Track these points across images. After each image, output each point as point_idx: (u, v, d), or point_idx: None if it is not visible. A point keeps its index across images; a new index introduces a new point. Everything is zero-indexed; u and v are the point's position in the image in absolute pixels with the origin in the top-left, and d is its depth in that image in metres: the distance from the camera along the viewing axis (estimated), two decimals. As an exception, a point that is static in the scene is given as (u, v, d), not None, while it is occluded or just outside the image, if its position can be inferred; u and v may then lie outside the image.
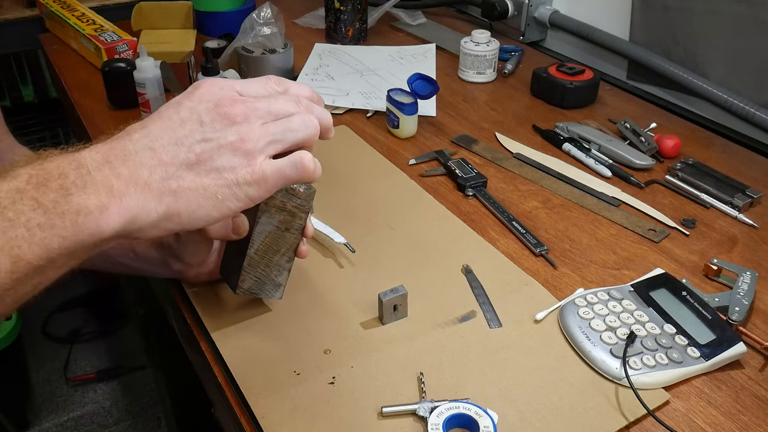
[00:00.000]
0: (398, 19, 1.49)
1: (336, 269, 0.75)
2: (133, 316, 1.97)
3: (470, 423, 0.56)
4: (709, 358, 0.63)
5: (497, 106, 1.14)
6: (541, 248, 0.79)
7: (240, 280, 0.63)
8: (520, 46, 1.35)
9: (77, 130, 1.19)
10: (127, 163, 0.48)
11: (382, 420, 0.57)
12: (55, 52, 1.35)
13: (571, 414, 0.58)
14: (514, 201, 0.88)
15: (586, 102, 1.13)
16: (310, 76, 1.20)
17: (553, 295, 0.72)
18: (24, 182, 0.44)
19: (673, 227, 0.83)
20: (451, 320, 0.68)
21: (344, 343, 0.65)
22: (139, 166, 0.48)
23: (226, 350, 0.64)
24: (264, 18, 1.17)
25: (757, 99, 1.01)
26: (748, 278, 0.72)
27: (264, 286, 0.65)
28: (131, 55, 1.22)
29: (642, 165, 0.95)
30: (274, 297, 0.66)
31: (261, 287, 0.65)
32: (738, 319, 0.67)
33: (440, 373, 0.62)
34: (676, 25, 1.11)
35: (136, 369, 1.88)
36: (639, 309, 0.68)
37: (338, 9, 1.33)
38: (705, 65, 1.09)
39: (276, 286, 0.65)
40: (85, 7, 1.38)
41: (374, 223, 0.83)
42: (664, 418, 0.59)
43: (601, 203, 0.88)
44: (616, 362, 0.62)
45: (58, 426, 1.73)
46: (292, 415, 0.58)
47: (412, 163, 0.96)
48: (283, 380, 0.61)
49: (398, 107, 1.00)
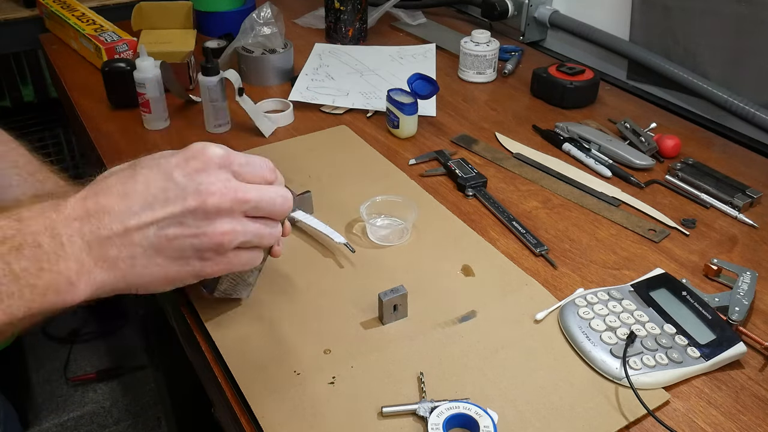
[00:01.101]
0: (398, 19, 1.49)
1: (336, 269, 0.75)
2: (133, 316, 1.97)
3: (470, 423, 0.56)
4: (709, 358, 0.63)
5: (497, 106, 1.14)
6: (541, 248, 0.79)
7: (218, 283, 0.64)
8: (520, 46, 1.35)
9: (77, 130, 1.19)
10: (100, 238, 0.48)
11: (382, 420, 0.57)
12: (55, 52, 1.35)
13: (571, 414, 0.58)
14: (514, 201, 0.88)
15: (586, 102, 1.13)
16: (310, 76, 1.20)
17: (553, 295, 0.72)
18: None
19: (673, 227, 0.83)
20: (451, 320, 0.68)
21: (344, 343, 0.65)
22: (108, 243, 0.49)
23: (226, 350, 0.64)
24: (264, 18, 1.17)
25: (757, 99, 1.01)
26: (748, 278, 0.72)
27: (237, 287, 0.66)
28: (131, 55, 1.22)
29: (642, 165, 0.95)
30: (243, 296, 0.68)
31: (235, 288, 0.66)
32: (738, 319, 0.67)
33: (440, 373, 0.62)
34: (676, 25, 1.11)
35: (136, 369, 1.88)
36: (639, 309, 0.68)
37: (338, 9, 1.33)
38: (705, 65, 1.09)
39: (247, 286, 0.67)
40: (85, 7, 1.38)
41: (374, 223, 0.83)
42: (664, 418, 0.59)
43: (601, 203, 0.88)
44: (616, 362, 0.62)
45: (58, 426, 1.73)
46: (292, 415, 0.58)
47: (412, 163, 0.96)
48: (283, 380, 0.61)
49: (398, 107, 1.00)
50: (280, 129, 1.05)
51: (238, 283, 0.66)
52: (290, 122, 1.08)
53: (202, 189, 0.50)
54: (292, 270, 0.75)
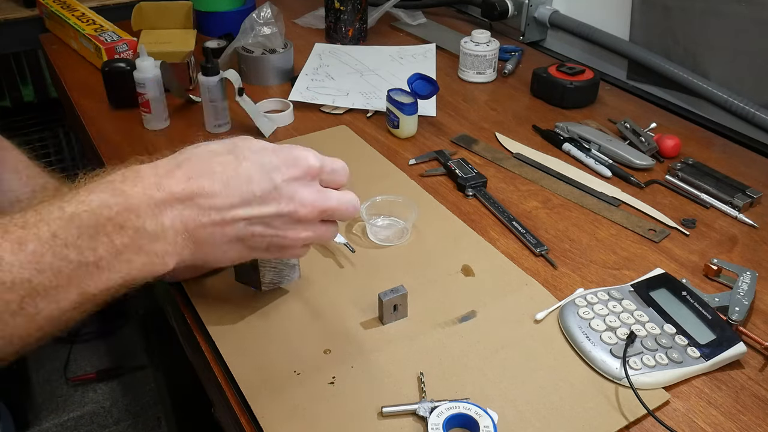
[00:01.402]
0: (398, 19, 1.49)
1: (336, 269, 0.75)
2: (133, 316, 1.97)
3: (470, 423, 0.56)
4: (709, 358, 0.63)
5: (497, 106, 1.14)
6: (541, 248, 0.79)
7: (261, 276, 0.64)
8: (520, 46, 1.35)
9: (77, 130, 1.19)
10: (197, 224, 0.52)
11: (382, 420, 0.57)
12: (55, 52, 1.35)
13: (571, 414, 0.58)
14: (514, 201, 0.88)
15: (586, 102, 1.13)
16: (310, 76, 1.20)
17: (553, 295, 0.72)
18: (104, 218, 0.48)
19: (673, 227, 0.83)
20: (451, 320, 0.68)
21: (344, 343, 0.65)
22: (203, 228, 0.52)
23: (226, 350, 0.64)
24: (264, 18, 1.17)
25: (757, 99, 1.01)
26: (748, 278, 0.72)
27: (282, 272, 0.66)
28: (131, 55, 1.22)
29: (642, 165, 0.95)
30: (294, 277, 0.68)
31: (280, 275, 0.66)
32: (738, 319, 0.67)
33: (440, 373, 0.62)
34: (676, 25, 1.11)
35: (136, 369, 1.88)
36: (639, 309, 0.68)
37: (338, 9, 1.33)
38: (705, 65, 1.09)
39: (291, 268, 0.67)
40: (85, 7, 1.38)
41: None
42: (664, 418, 0.59)
43: (601, 203, 0.88)
44: (616, 362, 0.62)
45: (58, 426, 1.73)
46: (292, 415, 0.58)
47: (412, 163, 0.96)
48: (283, 380, 0.61)
49: (398, 107, 1.00)
50: (280, 129, 1.05)
51: (282, 269, 0.66)
52: (290, 122, 1.08)
53: (296, 198, 0.55)
54: (292, 270, 0.75)
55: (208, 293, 0.71)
